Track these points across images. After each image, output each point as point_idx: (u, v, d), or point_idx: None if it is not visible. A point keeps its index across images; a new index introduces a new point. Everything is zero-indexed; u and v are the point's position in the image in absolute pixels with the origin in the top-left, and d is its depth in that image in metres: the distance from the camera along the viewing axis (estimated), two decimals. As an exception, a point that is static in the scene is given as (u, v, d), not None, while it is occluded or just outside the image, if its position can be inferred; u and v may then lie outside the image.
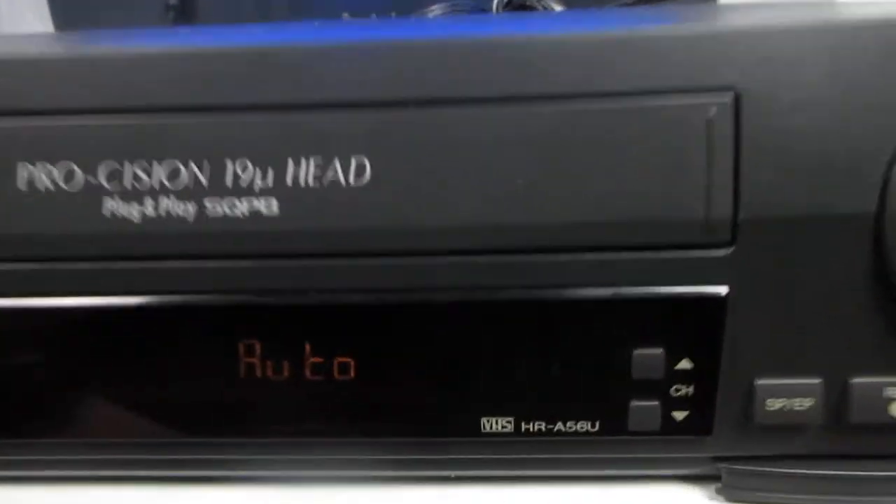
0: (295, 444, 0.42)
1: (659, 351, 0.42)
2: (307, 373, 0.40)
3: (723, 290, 0.40)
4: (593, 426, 0.42)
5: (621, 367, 0.41)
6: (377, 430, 0.42)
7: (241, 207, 0.41)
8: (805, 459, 0.41)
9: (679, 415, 0.43)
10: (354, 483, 0.45)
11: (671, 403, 0.40)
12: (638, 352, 0.42)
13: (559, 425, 0.41)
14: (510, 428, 0.42)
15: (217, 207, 0.41)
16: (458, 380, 0.42)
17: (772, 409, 0.43)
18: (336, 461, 0.43)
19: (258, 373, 0.40)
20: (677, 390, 0.43)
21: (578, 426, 0.41)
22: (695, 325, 0.40)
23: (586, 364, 0.40)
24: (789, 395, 0.43)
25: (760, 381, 0.42)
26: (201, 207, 0.41)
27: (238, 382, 0.40)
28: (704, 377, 0.41)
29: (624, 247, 0.41)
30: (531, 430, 0.42)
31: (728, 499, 0.44)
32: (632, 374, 0.42)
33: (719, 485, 0.44)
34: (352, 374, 0.40)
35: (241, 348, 0.41)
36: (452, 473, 0.48)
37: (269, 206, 0.41)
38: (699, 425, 0.41)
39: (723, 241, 0.38)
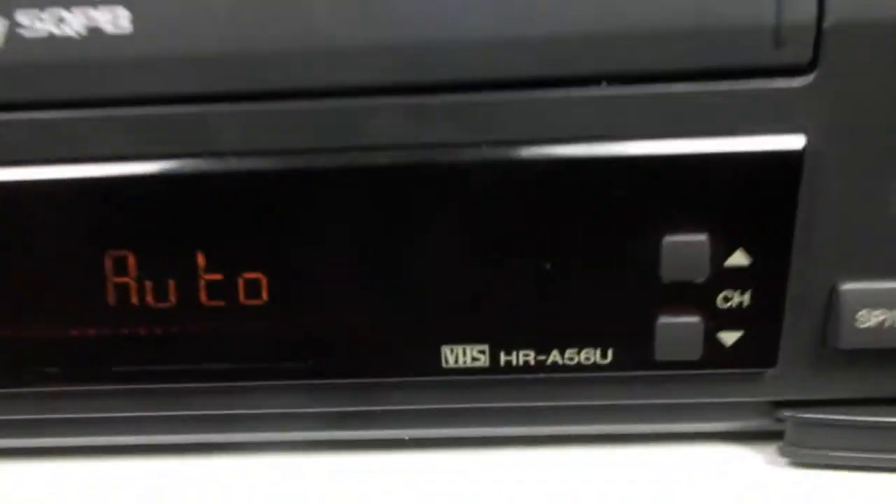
0: (180, 394, 0.33)
1: (701, 238, 0.28)
2: (202, 296, 0.30)
3: (798, 141, 0.26)
4: (603, 356, 0.29)
5: (644, 264, 0.29)
6: (298, 373, 0.32)
7: (74, 23, 0.27)
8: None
9: (728, 337, 0.30)
10: (265, 450, 0.36)
11: (718, 320, 0.30)
12: (669, 239, 0.28)
13: (554, 356, 0.28)
14: (483, 361, 0.32)
15: (36, 23, 0.27)
16: (407, 292, 0.31)
17: (865, 325, 0.29)
18: (246, 419, 0.34)
19: (133, 299, 0.29)
20: (727, 299, 0.29)
21: (582, 357, 0.29)
22: (755, 198, 0.29)
23: (591, 260, 0.30)
24: (891, 305, 0.29)
25: (848, 286, 0.29)
26: (12, 24, 0.27)
27: (106, 312, 0.30)
28: (767, 279, 0.28)
29: (650, 75, 0.27)
30: (513, 364, 0.32)
31: (795, 461, 0.34)
32: (660, 274, 0.28)
33: (782, 443, 0.33)
34: (263, 296, 0.30)
35: (108, 263, 0.29)
36: (406, 435, 0.34)
37: (115, 21, 0.27)
38: (758, 353, 0.31)
39: (800, 63, 0.26)
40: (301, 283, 0.31)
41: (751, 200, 0.28)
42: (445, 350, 0.31)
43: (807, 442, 0.33)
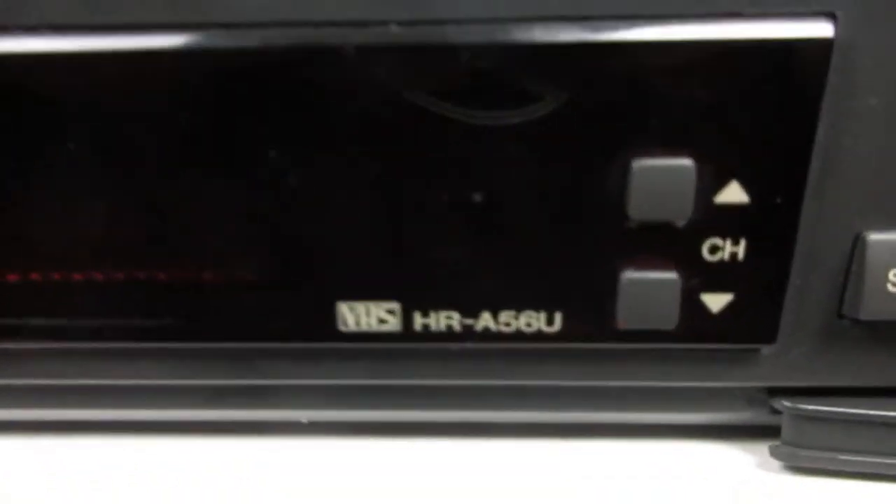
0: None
1: (684, 163, 0.20)
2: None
3: (825, 29, 0.18)
4: (549, 322, 0.24)
5: (605, 198, 0.22)
6: (155, 334, 0.25)
7: None
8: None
9: (715, 301, 0.22)
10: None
11: (702, 277, 0.23)
12: (640, 164, 0.20)
13: (485, 321, 0.21)
14: (393, 324, 0.25)
15: None
16: (291, 231, 0.23)
17: (897, 289, 0.22)
18: (94, 392, 0.27)
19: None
20: (715, 250, 0.21)
21: (521, 322, 0.23)
22: (761, 108, 0.21)
23: (534, 191, 0.22)
24: (933, 264, 0.22)
25: (878, 236, 0.21)
26: None
27: None
28: (771, 224, 0.21)
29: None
30: (432, 329, 0.24)
31: (791, 465, 0.27)
32: (626, 212, 0.21)
33: (776, 442, 0.27)
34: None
35: None
36: (304, 417, 0.27)
37: None
38: (752, 324, 0.24)
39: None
40: (158, 217, 0.23)
41: (754, 111, 0.20)
42: (343, 308, 0.24)
43: (808, 441, 0.26)
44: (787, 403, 0.26)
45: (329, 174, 0.22)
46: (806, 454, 0.26)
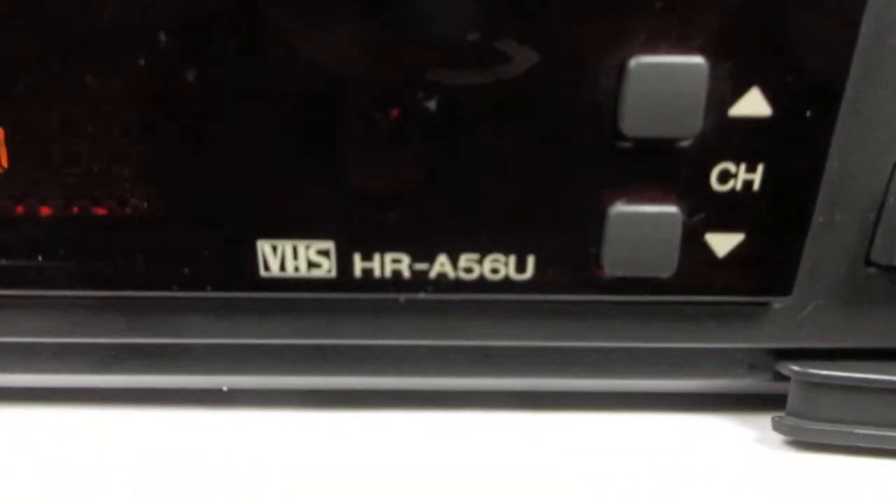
0: None
1: (694, 61, 0.15)
2: None
3: None
4: (520, 268, 0.20)
5: (591, 107, 0.18)
6: (49, 279, 0.20)
7: None
8: None
9: (722, 242, 0.18)
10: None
11: (708, 211, 0.19)
12: (639, 61, 0.15)
13: (441, 265, 0.17)
14: (327, 268, 0.20)
15: None
16: (200, 152, 0.18)
17: (944, 230, 0.17)
18: None
19: None
20: (726, 177, 0.17)
21: (486, 268, 0.18)
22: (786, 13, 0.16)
23: (501, 98, 0.18)
24: None
25: (920, 164, 0.17)
26: None
27: None
28: (795, 146, 0.16)
29: None
30: (376, 275, 0.20)
31: (797, 440, 0.23)
32: (618, 126, 0.16)
33: (780, 414, 0.22)
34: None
35: None
36: (224, 385, 0.21)
37: None
38: (765, 272, 0.19)
39: None
40: (48, 142, 0.18)
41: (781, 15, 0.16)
42: (264, 247, 0.19)
43: (818, 412, 0.22)
44: (795, 368, 0.22)
45: (245, 78, 0.17)
46: (815, 427, 0.22)
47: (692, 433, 0.23)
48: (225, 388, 0.24)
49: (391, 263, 0.19)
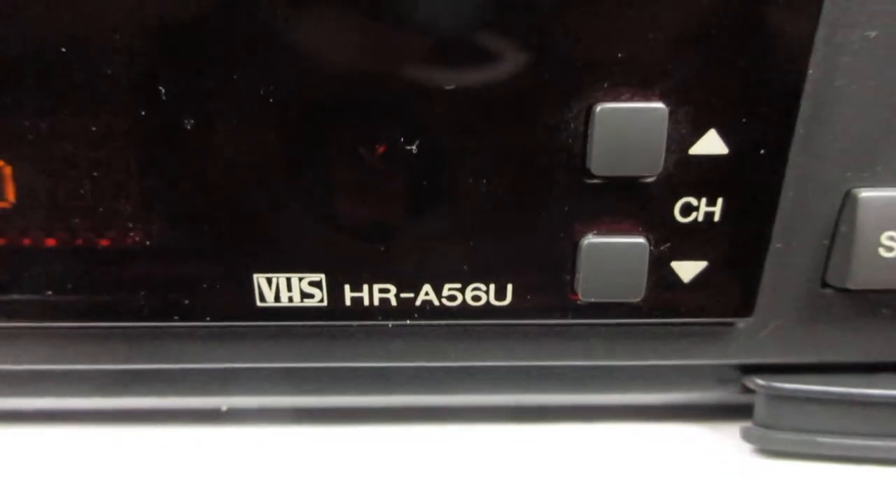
0: None
1: (655, 107, 0.17)
2: None
3: None
4: (500, 296, 0.19)
5: (562, 148, 0.19)
6: (46, 311, 0.21)
7: None
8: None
9: (687, 269, 0.19)
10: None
11: (673, 242, 0.20)
12: (604, 108, 0.17)
13: (426, 294, 0.18)
14: (319, 298, 0.21)
15: None
16: (199, 192, 0.20)
17: (891, 253, 0.19)
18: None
19: None
20: (688, 210, 0.18)
21: (468, 296, 0.20)
22: (745, 40, 0.18)
23: (479, 140, 0.19)
24: (930, 225, 0.19)
25: (870, 193, 0.18)
26: None
27: None
28: (752, 180, 0.17)
29: None
30: (365, 303, 0.21)
31: (765, 448, 0.25)
32: (587, 165, 0.18)
33: (749, 423, 0.24)
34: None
35: None
36: (223, 406, 0.23)
37: None
38: (728, 295, 0.21)
39: None
40: (53, 179, 0.19)
41: (738, 45, 0.17)
42: (260, 281, 0.20)
43: (783, 422, 0.23)
44: (760, 382, 0.23)
45: (244, 120, 0.18)
46: (781, 437, 0.24)
47: (667, 441, 0.25)
48: (224, 409, 0.25)
49: (379, 293, 0.21)
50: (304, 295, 0.21)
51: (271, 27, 0.18)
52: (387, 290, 0.21)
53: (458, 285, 0.20)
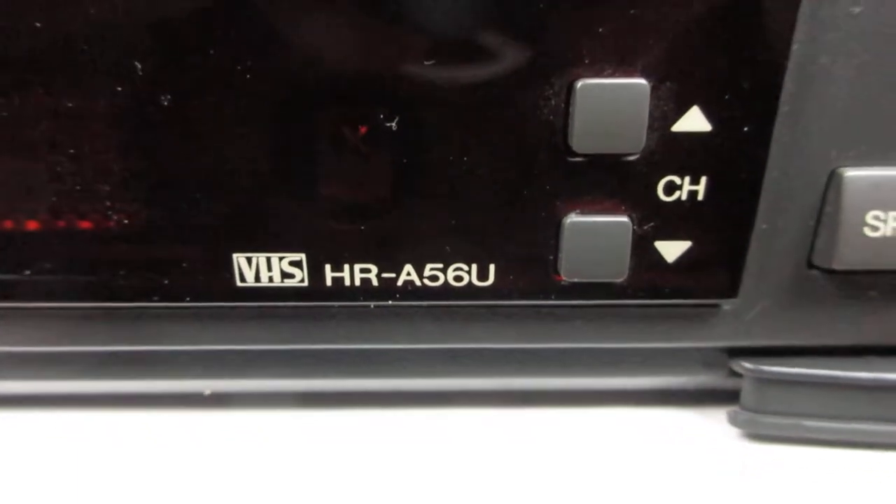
0: None
1: (636, 82, 0.17)
2: None
3: None
4: (482, 276, 0.20)
5: (543, 124, 0.19)
6: (25, 291, 0.21)
7: None
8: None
9: (671, 248, 0.19)
10: None
11: (656, 220, 0.20)
12: (585, 84, 0.17)
13: (407, 273, 0.17)
14: (300, 278, 0.22)
15: None
16: (177, 170, 0.19)
17: (875, 233, 0.19)
18: None
19: None
20: (672, 189, 0.18)
21: (450, 276, 0.21)
22: (726, 14, 0.18)
23: (460, 115, 0.18)
24: (916, 204, 0.19)
25: (855, 172, 0.18)
26: None
27: None
28: (735, 158, 0.16)
29: None
30: (346, 283, 0.21)
31: (752, 433, 0.24)
32: (569, 142, 0.17)
33: (735, 407, 0.23)
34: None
35: None
36: (206, 389, 0.23)
37: None
38: (712, 275, 0.21)
39: None
40: (30, 160, 0.19)
41: (720, 19, 0.17)
42: (239, 260, 0.20)
43: (770, 406, 0.23)
44: (747, 365, 0.23)
45: (224, 100, 0.18)
46: (768, 421, 0.23)
47: (654, 426, 0.24)
48: (206, 392, 0.25)
49: (360, 273, 0.20)
50: (284, 275, 0.21)
51: (251, 5, 0.17)
52: (368, 270, 0.20)
53: (440, 265, 0.20)
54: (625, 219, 0.19)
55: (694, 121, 0.18)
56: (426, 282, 0.20)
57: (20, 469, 0.23)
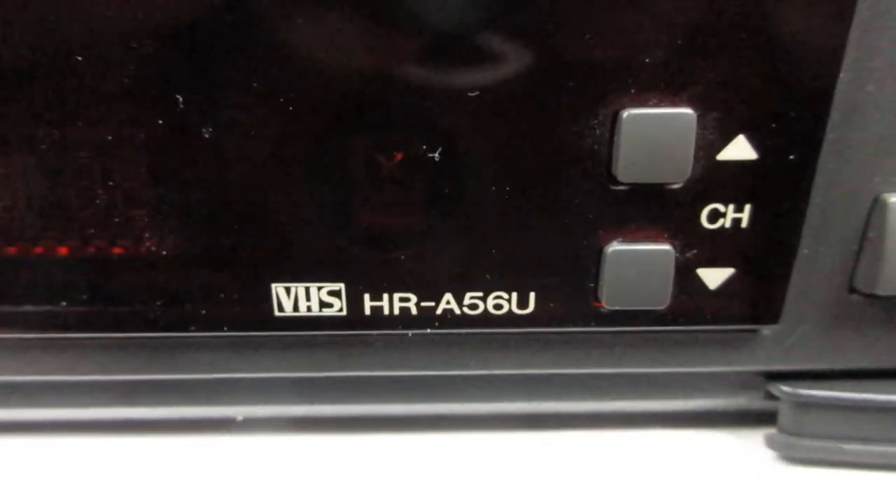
0: None
1: (684, 112, 0.16)
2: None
3: None
4: (522, 304, 0.21)
5: (586, 154, 0.19)
6: (61, 322, 0.21)
7: None
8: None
9: (713, 276, 0.19)
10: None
11: (699, 248, 0.20)
12: (631, 113, 0.16)
13: (447, 302, 0.18)
14: (339, 307, 0.21)
15: None
16: (216, 201, 0.19)
17: (921, 261, 0.19)
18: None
19: None
20: (716, 217, 0.18)
21: (489, 304, 0.21)
22: (773, 43, 0.17)
23: (501, 147, 0.18)
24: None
25: (898, 198, 0.18)
26: None
27: None
28: (780, 186, 0.17)
29: None
30: (385, 312, 0.21)
31: (790, 457, 0.24)
32: (613, 171, 0.17)
33: (773, 430, 0.23)
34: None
35: None
36: (238, 415, 0.23)
37: None
38: (755, 302, 0.21)
39: None
40: (61, 182, 0.18)
41: (767, 48, 0.17)
42: (278, 290, 0.20)
43: (808, 429, 0.23)
44: (785, 389, 0.23)
45: (262, 130, 0.18)
46: (806, 444, 0.23)
47: (691, 448, 0.24)
48: (240, 418, 0.25)
49: (399, 302, 0.20)
50: (322, 304, 0.20)
51: (289, 36, 0.17)
52: (407, 299, 0.20)
53: (480, 294, 0.20)
54: (667, 247, 0.19)
55: (740, 150, 0.18)
56: (465, 310, 0.20)
57: (54, 495, 0.22)
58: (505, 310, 0.20)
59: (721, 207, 0.19)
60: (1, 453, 0.24)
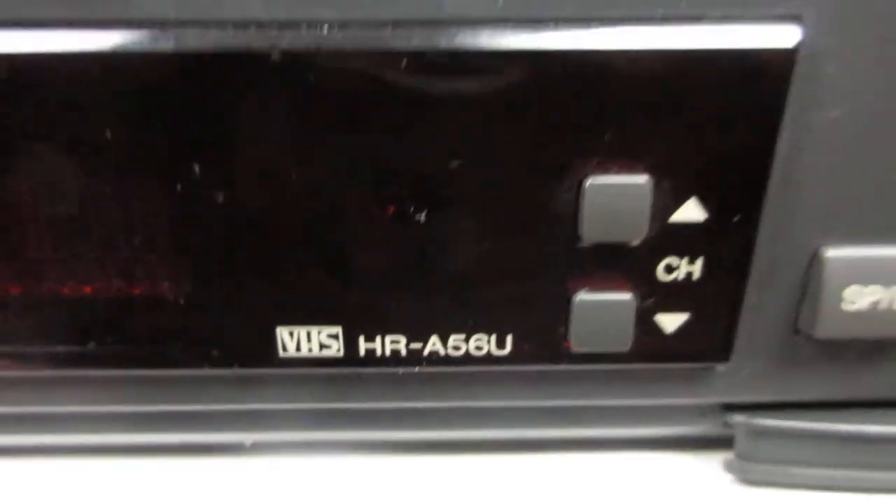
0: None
1: (639, 181, 0.19)
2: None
3: (791, 35, 0.18)
4: (500, 345, 0.24)
5: (557, 217, 0.21)
6: (79, 360, 0.23)
7: None
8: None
9: (670, 321, 0.21)
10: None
11: (657, 297, 0.22)
12: (594, 182, 0.19)
13: (433, 344, 0.23)
14: (336, 349, 0.23)
15: None
16: (226, 250, 0.21)
17: (853, 306, 0.21)
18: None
19: None
20: (670, 270, 0.20)
21: (471, 346, 0.24)
22: (720, 121, 0.20)
23: (482, 209, 0.21)
24: (889, 281, 0.21)
25: (835, 252, 0.20)
26: None
27: None
28: (727, 243, 0.21)
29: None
30: (378, 353, 0.23)
31: (745, 480, 0.27)
32: (579, 232, 0.20)
33: (731, 455, 0.26)
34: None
35: None
36: (248, 440, 0.25)
37: None
38: (708, 343, 0.24)
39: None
40: (81, 231, 0.21)
41: (713, 124, 0.19)
42: (282, 333, 0.22)
43: (762, 455, 0.25)
44: (739, 419, 0.25)
45: (265, 188, 0.20)
46: (759, 468, 0.26)
47: (656, 469, 0.27)
48: (248, 444, 0.27)
49: (391, 344, 0.23)
50: (322, 345, 0.23)
51: (289, 92, 0.19)
52: (398, 341, 0.23)
53: (463, 336, 0.22)
54: (628, 296, 0.22)
55: (691, 211, 0.21)
56: (450, 351, 0.23)
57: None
58: (485, 350, 0.23)
59: (675, 261, 0.21)
60: (30, 475, 0.26)
